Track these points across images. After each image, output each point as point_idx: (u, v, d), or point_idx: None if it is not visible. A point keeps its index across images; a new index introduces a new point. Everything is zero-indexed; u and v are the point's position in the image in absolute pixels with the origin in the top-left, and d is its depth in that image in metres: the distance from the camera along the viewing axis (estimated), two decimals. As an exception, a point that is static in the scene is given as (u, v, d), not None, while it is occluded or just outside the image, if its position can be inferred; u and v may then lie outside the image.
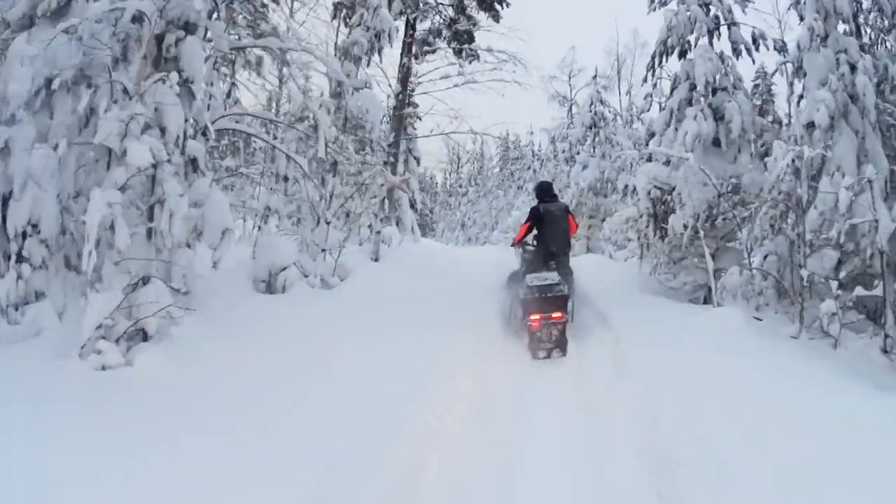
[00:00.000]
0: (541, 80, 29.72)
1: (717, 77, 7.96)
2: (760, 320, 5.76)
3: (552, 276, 5.81)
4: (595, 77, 15.31)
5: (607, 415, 3.80)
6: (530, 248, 6.68)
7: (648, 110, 14.77)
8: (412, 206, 16.11)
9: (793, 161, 6.22)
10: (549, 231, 6.40)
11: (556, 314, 5.44)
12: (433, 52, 16.70)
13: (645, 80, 9.51)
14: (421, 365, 4.42)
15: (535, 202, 6.79)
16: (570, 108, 30.16)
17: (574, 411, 3.98)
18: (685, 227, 7.37)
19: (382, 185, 7.14)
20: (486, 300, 6.64)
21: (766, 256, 7.03)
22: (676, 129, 8.07)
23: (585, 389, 4.46)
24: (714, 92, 7.95)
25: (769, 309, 6.55)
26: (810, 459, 2.89)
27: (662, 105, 13.51)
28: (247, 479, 2.70)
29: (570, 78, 33.04)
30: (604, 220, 14.26)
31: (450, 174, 41.92)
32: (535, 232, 6.60)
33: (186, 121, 4.41)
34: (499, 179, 32.18)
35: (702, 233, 7.07)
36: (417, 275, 6.56)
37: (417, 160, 15.96)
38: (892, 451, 2.96)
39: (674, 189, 7.71)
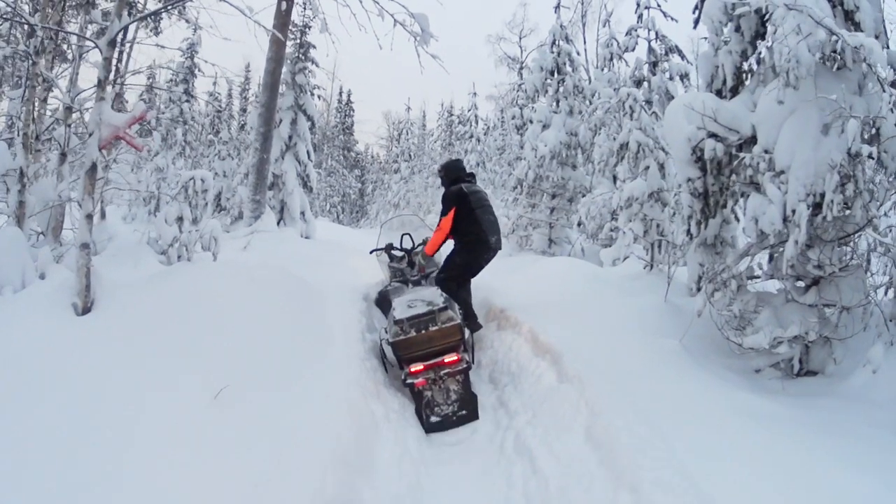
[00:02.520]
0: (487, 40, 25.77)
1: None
2: None
3: (429, 294, 4.01)
4: (558, 7, 11.18)
5: None
6: (397, 253, 5.17)
7: (633, 49, 10.93)
8: (305, 184, 11.70)
9: None
10: (483, 218, 4.84)
11: (450, 357, 3.69)
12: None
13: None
14: None
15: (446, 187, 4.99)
16: (521, 71, 26.27)
17: None
18: (786, 221, 3.44)
19: (91, 133, 2.87)
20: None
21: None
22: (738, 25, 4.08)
23: None
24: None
25: None
26: None
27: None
28: None
29: (520, 38, 29.33)
30: (571, 199, 10.31)
31: (390, 150, 37.37)
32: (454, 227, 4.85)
33: None
34: (438, 153, 27.87)
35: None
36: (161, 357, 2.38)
37: (312, 120, 11.49)
38: None
39: (750, 140, 3.73)
